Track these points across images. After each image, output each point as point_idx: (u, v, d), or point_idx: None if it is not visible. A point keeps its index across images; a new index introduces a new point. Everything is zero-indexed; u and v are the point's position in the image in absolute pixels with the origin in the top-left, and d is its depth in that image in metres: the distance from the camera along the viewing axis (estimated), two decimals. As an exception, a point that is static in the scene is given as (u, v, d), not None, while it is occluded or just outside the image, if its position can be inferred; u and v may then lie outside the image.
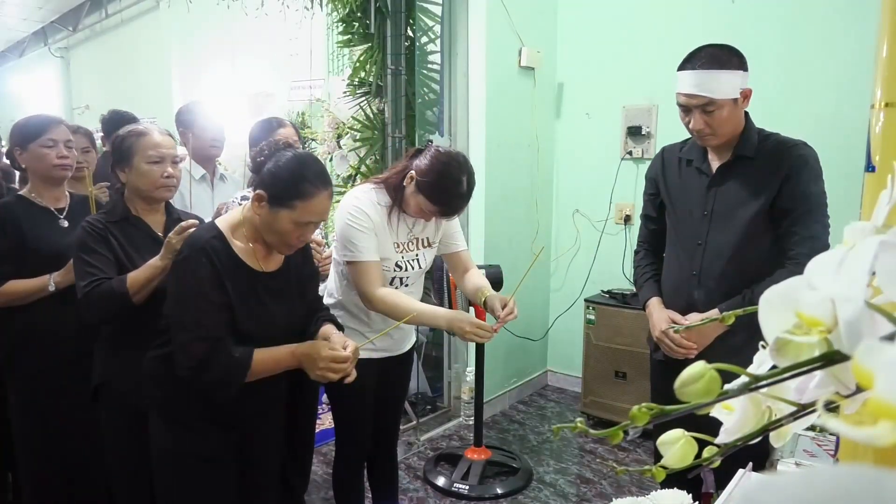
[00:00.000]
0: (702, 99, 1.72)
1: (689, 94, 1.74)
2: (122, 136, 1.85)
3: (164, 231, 1.89)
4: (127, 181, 1.85)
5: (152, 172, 1.82)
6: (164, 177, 1.84)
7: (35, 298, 2.01)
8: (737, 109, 1.75)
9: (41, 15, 7.32)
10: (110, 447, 1.89)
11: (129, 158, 1.82)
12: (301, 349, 1.58)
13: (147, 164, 1.81)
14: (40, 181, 2.09)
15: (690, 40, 3.76)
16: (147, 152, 1.81)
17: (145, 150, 1.81)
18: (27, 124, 2.09)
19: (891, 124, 0.71)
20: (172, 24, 5.95)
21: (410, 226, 2.01)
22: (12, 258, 1.99)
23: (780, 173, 1.76)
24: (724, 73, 1.71)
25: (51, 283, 1.99)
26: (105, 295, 1.71)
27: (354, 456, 2.16)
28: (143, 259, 1.78)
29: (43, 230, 2.04)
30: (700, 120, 1.75)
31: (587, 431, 0.48)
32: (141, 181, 1.83)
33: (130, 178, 1.83)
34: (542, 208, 3.90)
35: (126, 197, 1.88)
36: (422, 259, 2.06)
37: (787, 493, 0.26)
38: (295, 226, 1.54)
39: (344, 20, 3.47)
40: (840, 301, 0.36)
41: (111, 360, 1.85)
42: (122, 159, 1.83)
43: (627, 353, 3.35)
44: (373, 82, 3.39)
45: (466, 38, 3.42)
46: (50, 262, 2.01)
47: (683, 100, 1.76)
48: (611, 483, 2.90)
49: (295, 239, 1.58)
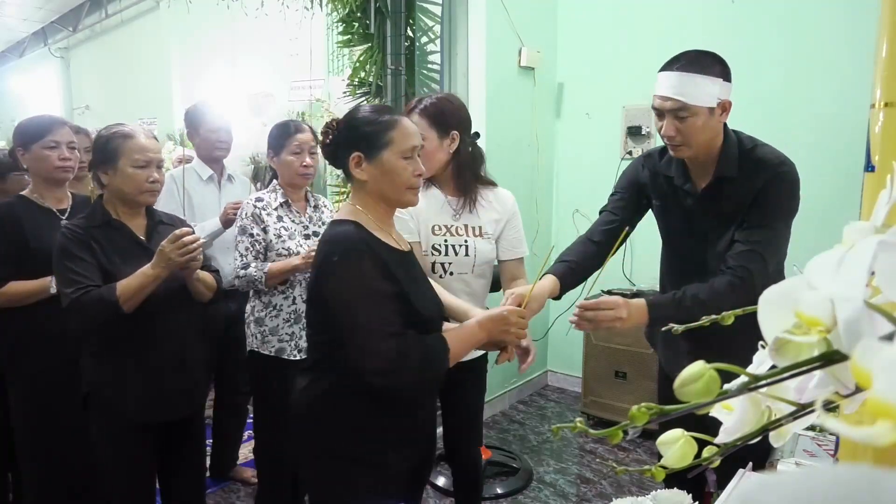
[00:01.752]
0: (675, 102, 1.61)
1: (662, 97, 1.63)
2: (106, 136, 1.78)
3: (147, 234, 1.85)
4: (109, 183, 1.79)
5: (137, 176, 1.77)
6: (149, 181, 1.79)
7: (36, 300, 2.01)
8: (712, 120, 1.63)
9: (41, 15, 7.32)
10: (103, 457, 1.85)
11: (114, 160, 1.76)
12: (487, 318, 1.49)
13: (133, 167, 1.76)
14: (42, 182, 2.08)
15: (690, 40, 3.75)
16: (133, 155, 1.76)
17: (131, 154, 1.76)
18: (30, 125, 2.08)
19: (890, 124, 0.71)
20: (172, 25, 5.95)
21: (458, 208, 1.94)
22: (13, 259, 1.99)
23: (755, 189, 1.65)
24: (701, 78, 1.59)
25: (52, 284, 1.98)
26: (94, 303, 1.67)
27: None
28: (126, 264, 1.74)
29: (45, 231, 2.02)
30: (671, 126, 1.64)
31: (587, 431, 0.48)
32: (125, 185, 1.77)
33: (114, 180, 1.78)
34: (542, 208, 3.90)
35: (105, 200, 1.83)
36: (472, 247, 1.94)
37: (786, 493, 0.26)
38: (403, 159, 1.44)
39: (344, 20, 3.47)
40: (839, 301, 0.36)
41: (99, 369, 1.82)
42: (105, 161, 1.77)
43: (627, 353, 3.35)
44: (373, 82, 3.39)
45: (466, 38, 3.42)
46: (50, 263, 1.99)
47: (658, 102, 1.65)
48: (611, 483, 2.90)
49: (412, 174, 1.46)
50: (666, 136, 1.67)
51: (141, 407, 1.81)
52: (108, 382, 1.80)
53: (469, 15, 3.40)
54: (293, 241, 2.24)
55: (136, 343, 1.79)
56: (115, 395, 1.80)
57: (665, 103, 1.63)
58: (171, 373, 1.84)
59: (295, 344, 2.25)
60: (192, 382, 1.93)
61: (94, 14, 6.99)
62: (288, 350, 2.24)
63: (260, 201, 2.25)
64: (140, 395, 1.80)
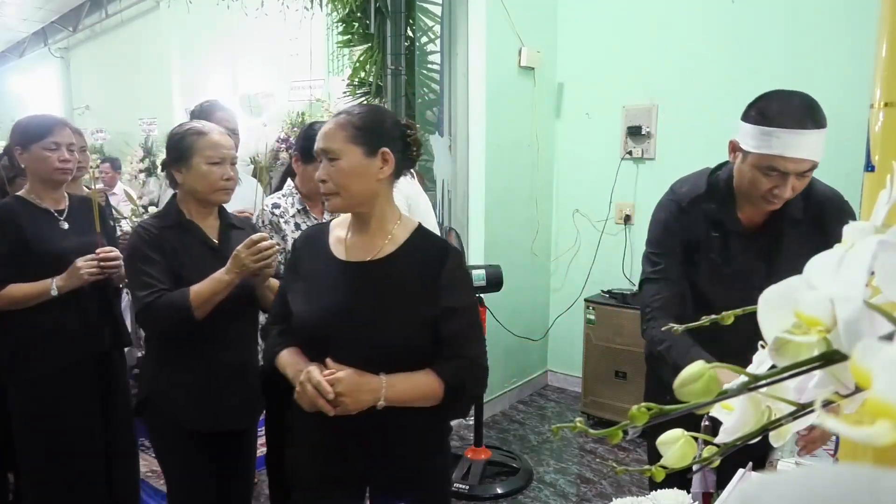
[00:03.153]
0: (812, 164, 1.41)
1: (795, 159, 1.39)
2: (180, 134, 1.73)
3: (219, 237, 1.79)
4: (183, 182, 1.73)
5: (212, 174, 1.71)
6: (223, 179, 1.73)
7: (37, 302, 1.97)
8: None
9: (41, 15, 7.32)
10: (162, 464, 1.81)
11: (188, 158, 1.70)
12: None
13: (207, 164, 1.70)
14: (40, 183, 2.04)
15: (690, 40, 3.75)
16: (207, 152, 1.70)
17: (204, 150, 1.70)
18: (30, 124, 2.04)
19: (890, 124, 0.71)
20: (172, 25, 5.95)
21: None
22: (13, 261, 1.95)
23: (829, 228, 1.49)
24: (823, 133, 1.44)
25: (53, 287, 1.95)
26: (166, 308, 1.62)
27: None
28: (196, 267, 1.69)
29: (44, 232, 2.00)
30: (794, 186, 1.43)
31: (587, 431, 0.48)
32: (199, 182, 1.71)
33: (187, 178, 1.72)
34: (542, 208, 3.90)
35: (179, 199, 1.77)
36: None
37: (786, 493, 0.26)
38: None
39: (344, 20, 3.47)
40: (839, 300, 0.36)
41: (160, 376, 1.77)
42: (179, 158, 1.71)
43: (627, 353, 3.35)
44: (373, 82, 3.39)
45: (466, 38, 3.42)
46: (51, 264, 1.96)
47: (790, 166, 1.39)
48: (611, 483, 2.90)
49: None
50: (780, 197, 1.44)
51: (201, 417, 1.76)
52: (168, 390, 1.75)
53: (469, 15, 3.40)
54: None
55: (198, 350, 1.73)
56: (175, 403, 1.74)
57: (800, 166, 1.41)
58: (233, 382, 1.79)
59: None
60: (253, 392, 1.87)
61: (95, 14, 6.99)
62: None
63: (277, 208, 2.11)
64: (200, 404, 1.74)
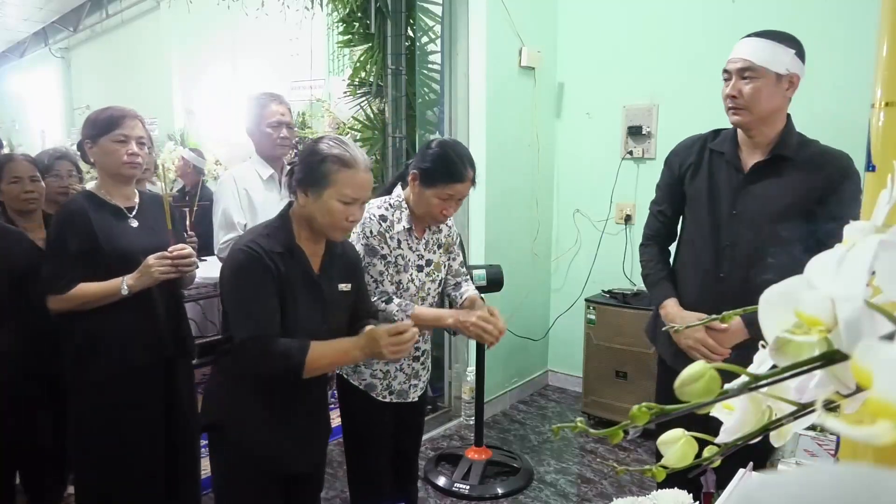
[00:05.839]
0: (744, 62, 1.65)
1: (733, 59, 1.68)
2: (322, 155, 1.54)
3: (321, 269, 1.65)
4: (305, 204, 1.57)
5: (340, 213, 1.55)
6: (348, 220, 1.57)
7: (106, 303, 1.86)
8: (778, 90, 1.65)
9: (42, 15, 7.32)
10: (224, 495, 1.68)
11: (322, 186, 1.54)
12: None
13: (339, 202, 1.54)
14: (109, 178, 1.95)
15: (690, 40, 3.74)
16: (344, 189, 1.54)
17: (343, 186, 1.54)
18: (100, 117, 1.95)
19: (891, 124, 0.71)
20: (173, 25, 5.96)
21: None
22: (83, 259, 1.85)
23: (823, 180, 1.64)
24: (774, 45, 1.63)
25: (123, 286, 1.85)
26: (277, 357, 1.48)
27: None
28: (295, 302, 1.56)
29: (115, 230, 1.91)
30: (736, 87, 1.67)
31: (587, 431, 0.48)
32: (323, 217, 1.56)
33: (312, 205, 1.55)
34: (543, 208, 3.90)
35: (293, 213, 1.62)
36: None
37: (787, 493, 0.26)
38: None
39: (344, 20, 3.47)
40: (840, 300, 0.36)
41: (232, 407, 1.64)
42: (313, 182, 1.54)
43: (628, 353, 3.35)
44: (373, 82, 3.39)
45: (467, 38, 3.42)
46: (120, 263, 1.87)
47: (728, 65, 1.70)
48: (611, 483, 2.90)
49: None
50: (729, 96, 1.69)
51: (274, 454, 1.64)
52: (240, 422, 1.62)
53: (469, 15, 3.40)
54: (406, 273, 1.92)
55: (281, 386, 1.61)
56: (252, 437, 1.61)
57: (734, 64, 1.67)
58: (310, 420, 1.72)
59: (387, 384, 1.96)
60: (326, 428, 1.82)
61: (95, 14, 7.00)
62: (378, 388, 1.95)
63: (384, 221, 1.88)
64: (277, 441, 1.64)
